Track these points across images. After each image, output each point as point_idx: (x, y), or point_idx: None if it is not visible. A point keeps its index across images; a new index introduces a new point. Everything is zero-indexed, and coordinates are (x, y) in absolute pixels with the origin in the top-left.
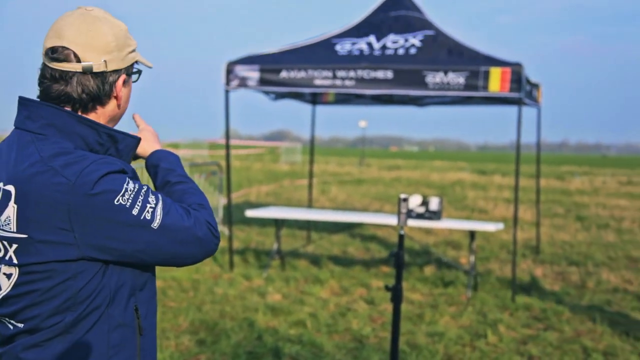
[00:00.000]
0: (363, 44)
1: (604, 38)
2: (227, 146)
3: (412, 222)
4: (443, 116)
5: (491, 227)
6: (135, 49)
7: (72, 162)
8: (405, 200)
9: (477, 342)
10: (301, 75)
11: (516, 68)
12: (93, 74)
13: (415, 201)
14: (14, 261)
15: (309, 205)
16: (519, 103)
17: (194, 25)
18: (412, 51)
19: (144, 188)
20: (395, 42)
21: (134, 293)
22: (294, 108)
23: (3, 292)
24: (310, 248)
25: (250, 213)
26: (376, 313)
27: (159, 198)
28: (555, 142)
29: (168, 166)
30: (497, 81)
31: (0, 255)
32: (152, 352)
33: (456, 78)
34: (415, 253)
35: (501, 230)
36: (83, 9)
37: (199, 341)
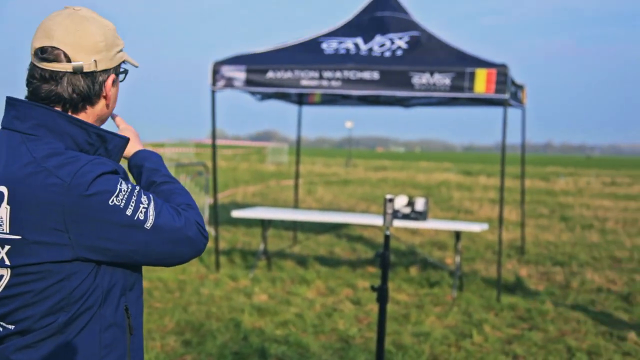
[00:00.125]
0: (350, 44)
1: (588, 40)
2: (214, 146)
3: (398, 223)
4: (429, 117)
5: (476, 228)
6: (122, 49)
7: (66, 163)
8: (391, 200)
9: (463, 342)
10: (287, 75)
11: (502, 69)
12: (83, 74)
13: (401, 202)
14: (6, 262)
15: (296, 205)
16: (505, 104)
17: (181, 24)
18: (399, 53)
19: (137, 188)
20: (382, 45)
21: (125, 293)
22: (281, 108)
23: None
24: (296, 248)
25: (236, 213)
26: (362, 313)
27: (151, 198)
28: (540, 143)
29: (152, 166)
30: (483, 82)
31: None
32: (140, 352)
33: (442, 79)
34: (401, 253)
35: (486, 230)
36: (71, 9)
37: (185, 342)
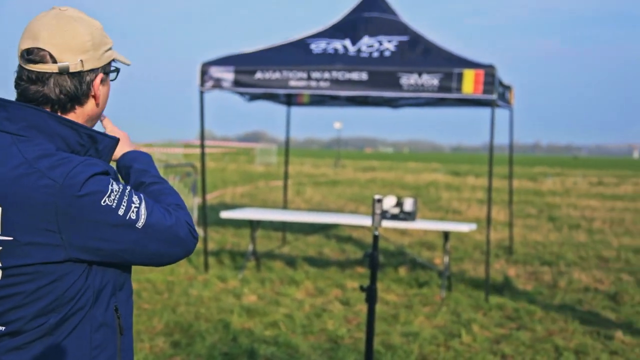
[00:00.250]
0: (338, 44)
1: (575, 41)
2: (202, 147)
3: (387, 223)
4: (417, 118)
5: (465, 228)
6: (111, 47)
7: (58, 164)
8: (379, 201)
9: (451, 342)
10: (276, 76)
11: (489, 70)
12: (70, 74)
13: (389, 202)
14: None
15: (284, 206)
16: (492, 105)
17: (169, 24)
18: (387, 54)
19: (128, 188)
20: (370, 46)
21: (115, 293)
22: (269, 109)
23: None
24: (285, 249)
25: (225, 214)
26: (351, 314)
27: (142, 198)
28: (527, 144)
29: (141, 167)
30: (471, 83)
31: None
32: (130, 352)
33: (430, 80)
34: (389, 254)
35: (474, 230)
36: (57, 9)
37: (174, 343)
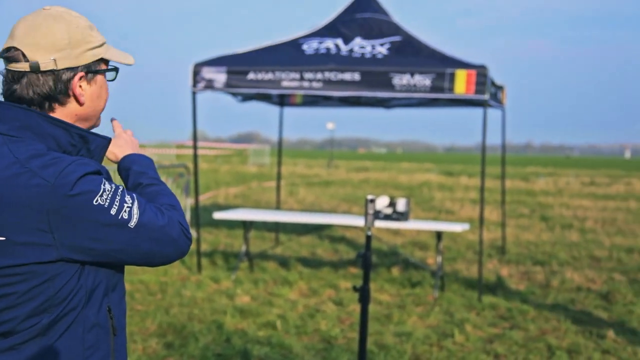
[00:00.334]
0: (330, 43)
1: (566, 41)
2: (195, 148)
3: (380, 223)
4: (410, 118)
5: (457, 228)
6: (100, 45)
7: (50, 164)
8: (372, 201)
9: (445, 342)
10: (268, 77)
11: (481, 70)
12: (41, 73)
13: (382, 202)
14: None
15: (277, 207)
16: (484, 105)
17: (163, 24)
18: (379, 54)
19: (120, 188)
20: (362, 47)
21: (107, 293)
22: (262, 110)
23: None
24: (278, 250)
25: (218, 215)
26: (344, 314)
27: (134, 197)
28: (520, 144)
29: (140, 169)
30: (463, 83)
31: None
32: (123, 353)
33: (422, 80)
34: (382, 254)
35: (467, 230)
36: (42, 8)
37: (167, 344)
